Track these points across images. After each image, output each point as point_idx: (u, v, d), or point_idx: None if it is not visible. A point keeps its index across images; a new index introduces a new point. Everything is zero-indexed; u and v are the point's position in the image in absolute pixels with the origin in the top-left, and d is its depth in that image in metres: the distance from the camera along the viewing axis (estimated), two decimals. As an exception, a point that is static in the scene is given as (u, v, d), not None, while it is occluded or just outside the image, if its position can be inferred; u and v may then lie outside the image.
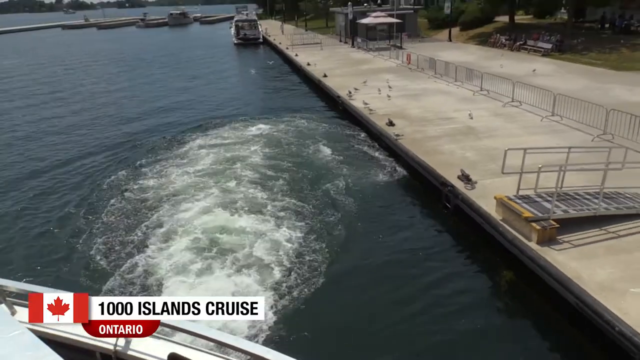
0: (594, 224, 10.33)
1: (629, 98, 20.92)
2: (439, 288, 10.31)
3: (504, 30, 45.51)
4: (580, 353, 8.38)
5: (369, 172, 16.67)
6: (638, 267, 8.92)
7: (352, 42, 49.07)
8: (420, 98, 23.77)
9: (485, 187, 12.47)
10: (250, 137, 21.25)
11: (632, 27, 38.88)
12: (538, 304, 9.50)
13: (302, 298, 9.83)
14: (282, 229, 12.56)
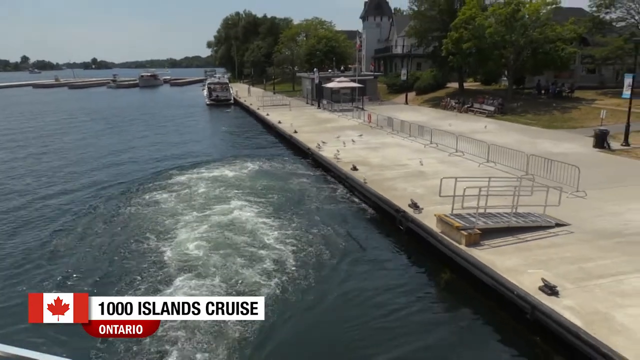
0: (508, 233, 13.76)
1: (552, 149, 25.06)
2: (394, 288, 13.18)
3: (454, 95, 50.75)
4: (495, 316, 11.45)
5: (337, 205, 20.00)
6: (534, 259, 12.26)
7: (318, 103, 53.46)
8: (380, 150, 27.49)
9: (429, 211, 15.82)
10: (233, 176, 24.36)
11: (563, 93, 44.50)
12: (467, 290, 12.66)
13: (286, 295, 12.73)
14: (263, 249, 15.52)
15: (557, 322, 9.68)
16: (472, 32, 43.29)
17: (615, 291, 10.54)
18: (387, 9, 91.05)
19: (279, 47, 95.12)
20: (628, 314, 9.62)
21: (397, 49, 76.18)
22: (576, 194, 17.37)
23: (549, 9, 43.23)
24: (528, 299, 10.52)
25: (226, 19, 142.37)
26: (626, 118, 27.07)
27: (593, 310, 9.83)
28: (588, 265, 11.79)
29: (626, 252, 12.47)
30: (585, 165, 20.48)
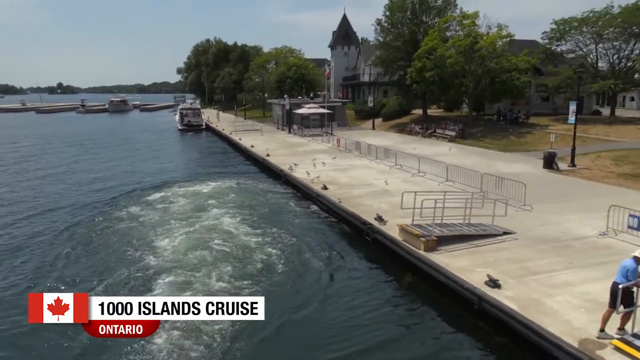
0: (461, 240, 15.62)
1: (506, 170, 27.26)
2: (364, 291, 14.76)
3: (418, 121, 53.37)
4: (449, 309, 13.15)
5: (309, 220, 21.70)
6: (483, 260, 14.10)
7: (289, 129, 55.36)
8: (348, 171, 29.36)
9: (393, 224, 17.56)
10: (212, 192, 25.76)
11: (519, 119, 47.47)
12: (426, 289, 14.36)
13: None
14: (243, 255, 17.01)
15: (499, 308, 11.48)
16: (434, 62, 46.02)
17: (547, 284, 12.43)
18: (355, 39, 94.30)
19: (249, 74, 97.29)
20: (556, 301, 11.48)
21: (365, 77, 79.13)
22: (523, 207, 19.45)
23: (504, 41, 46.43)
24: (475, 292, 12.31)
25: (196, 45, 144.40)
26: (575, 142, 29.56)
27: (528, 298, 11.66)
28: (527, 265, 13.70)
29: (560, 254, 14.45)
30: (534, 183, 22.81)
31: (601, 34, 49.23)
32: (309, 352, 11.54)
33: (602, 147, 34.30)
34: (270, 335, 11.99)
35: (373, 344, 11.71)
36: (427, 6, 54.24)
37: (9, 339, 11.99)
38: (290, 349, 11.63)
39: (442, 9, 53.98)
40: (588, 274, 12.86)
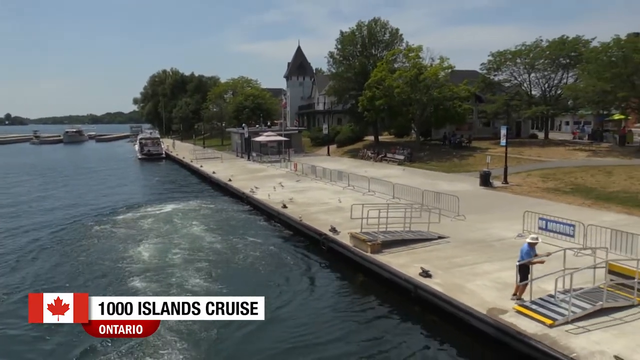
0: (402, 244, 18.40)
1: (447, 188, 30.34)
2: (322, 292, 17.27)
3: (370, 146, 56.74)
4: (392, 299, 15.76)
5: (271, 234, 24.22)
6: (419, 258, 16.84)
7: (248, 156, 57.77)
8: (305, 192, 31.98)
9: (345, 234, 20.19)
10: (179, 212, 27.85)
11: (463, 143, 51.41)
12: (374, 285, 16.97)
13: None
14: (209, 266, 19.27)
15: (429, 292, 14.21)
16: (383, 92, 49.60)
17: (469, 273, 15.27)
18: (309, 70, 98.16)
19: (207, 104, 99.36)
20: (475, 284, 14.29)
21: (319, 106, 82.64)
22: (457, 217, 22.49)
23: (446, 72, 50.61)
24: (412, 281, 15.02)
25: (153, 76, 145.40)
26: (506, 162, 33.15)
27: (452, 283, 14.44)
28: (455, 260, 16.56)
29: (483, 252, 17.39)
30: (470, 198, 26.09)
31: (533, 65, 54.13)
32: (277, 344, 13.74)
33: (534, 166, 38.12)
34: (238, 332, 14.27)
35: (333, 332, 13.90)
36: (376, 40, 58.22)
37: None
38: (256, 343, 13.81)
39: (390, 42, 58.07)
40: (502, 265, 15.73)
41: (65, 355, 12.53)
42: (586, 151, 43.87)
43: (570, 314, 11.64)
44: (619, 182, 29.59)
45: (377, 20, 58.09)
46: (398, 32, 58.40)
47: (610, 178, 30.82)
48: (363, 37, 58.18)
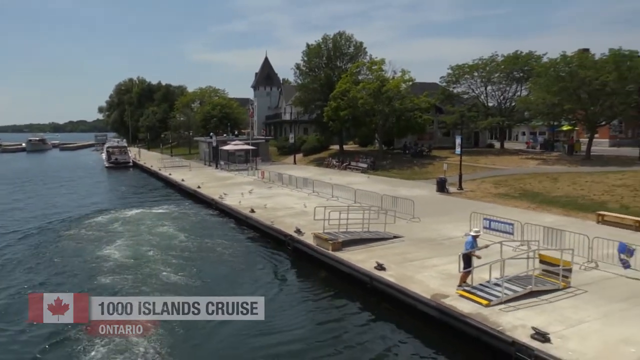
0: (360, 243, 20.08)
1: (406, 193, 32.19)
2: (288, 288, 18.75)
3: (335, 155, 58.59)
4: (352, 291, 17.35)
5: (239, 236, 25.61)
6: (375, 255, 18.49)
7: (216, 164, 58.85)
8: (272, 198, 33.44)
9: (309, 234, 21.76)
10: (150, 216, 28.95)
11: (423, 152, 53.74)
12: (336, 280, 18.55)
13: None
14: (181, 264, 20.57)
15: (383, 282, 15.87)
16: (347, 102, 51.52)
17: (419, 266, 17.03)
18: (276, 80, 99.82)
19: (174, 112, 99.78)
20: (423, 275, 16.04)
21: (286, 116, 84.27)
22: (412, 219, 24.35)
23: (408, 84, 52.93)
24: (368, 274, 16.69)
25: (119, 84, 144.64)
26: (462, 170, 35.32)
27: (404, 275, 16.15)
28: (408, 256, 18.31)
29: (433, 249, 19.21)
30: (426, 203, 28.05)
31: (489, 78, 57.13)
32: (247, 334, 15.15)
33: (488, 173, 40.50)
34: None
35: (298, 322, 15.37)
36: (341, 52, 60.34)
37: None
38: (223, 335, 15.15)
39: (354, 55, 60.27)
40: (449, 259, 17.43)
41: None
42: (537, 160, 46.63)
43: (504, 296, 13.47)
44: (562, 188, 32.01)
45: (342, 34, 60.27)
46: (362, 45, 60.75)
47: (555, 184, 33.25)
48: (328, 50, 60.20)
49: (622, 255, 15.41)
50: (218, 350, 13.16)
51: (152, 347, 12.85)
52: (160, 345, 12.93)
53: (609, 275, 15.64)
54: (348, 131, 59.73)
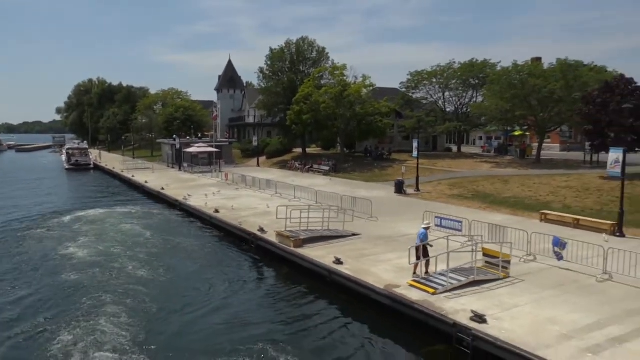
0: (320, 240, 21.25)
1: (366, 194, 33.55)
2: (252, 283, 19.69)
3: (298, 158, 59.69)
4: (312, 284, 18.45)
5: (204, 235, 26.38)
6: (334, 250, 19.67)
7: (179, 166, 59.12)
8: (236, 199, 34.30)
9: (272, 232, 22.79)
10: (115, 215, 29.42)
11: (384, 155, 55.40)
12: (297, 275, 19.62)
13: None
14: (148, 261, 21.31)
15: (340, 275, 17.06)
16: (310, 107, 52.71)
17: (375, 260, 18.29)
18: (240, 83, 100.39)
19: (135, 114, 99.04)
20: (378, 268, 17.29)
21: (250, 119, 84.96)
22: (370, 219, 25.66)
23: (368, 89, 54.50)
24: (327, 268, 17.85)
25: (78, 85, 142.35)
26: (418, 172, 36.92)
27: (360, 268, 17.37)
28: (364, 252, 19.56)
29: (389, 245, 20.51)
30: (384, 203, 29.43)
31: (447, 84, 59.40)
32: (214, 326, 16.07)
33: (444, 176, 42.33)
34: (168, 328, 16.54)
35: (262, 313, 16.39)
36: (304, 57, 61.54)
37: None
38: (192, 330, 16.14)
39: (317, 60, 61.58)
40: (402, 254, 18.64)
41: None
42: (491, 163, 48.86)
43: (449, 285, 14.83)
44: (512, 190, 33.95)
45: (305, 39, 61.49)
46: (324, 50, 62.08)
47: (506, 186, 35.20)
48: (292, 55, 61.30)
49: (556, 248, 17.02)
50: (187, 342, 14.04)
51: (123, 339, 13.71)
52: (132, 337, 13.81)
53: (545, 266, 17.24)
54: (311, 135, 60.92)
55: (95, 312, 15.65)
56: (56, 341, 13.63)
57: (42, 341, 13.78)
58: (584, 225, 23.15)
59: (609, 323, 12.35)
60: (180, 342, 13.92)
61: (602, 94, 35.33)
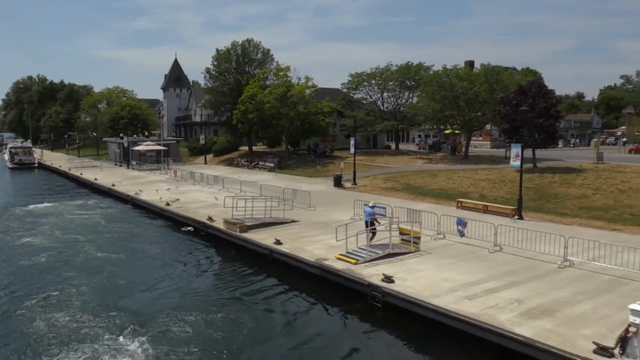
0: (264, 226, 24.03)
1: (307, 188, 36.22)
2: (202, 266, 22.17)
3: (245, 156, 62.09)
4: (256, 262, 21.17)
5: (157, 225, 28.63)
6: (275, 234, 22.43)
7: (127, 164, 60.33)
8: (185, 194, 36.54)
9: (220, 221, 25.35)
10: (68, 210, 31.14)
11: (326, 152, 58.61)
12: (244, 256, 22.30)
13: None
14: (99, 250, 23.49)
15: (280, 253, 19.93)
16: (255, 106, 55.17)
17: (310, 241, 21.25)
18: (186, 82, 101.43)
19: (79, 113, 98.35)
20: (312, 247, 20.24)
21: (196, 117, 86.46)
22: (309, 208, 28.64)
23: (311, 90, 57.48)
24: (269, 247, 20.71)
25: (17, 82, 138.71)
26: (355, 167, 40.19)
27: (297, 247, 20.28)
28: (301, 234, 22.51)
29: (323, 230, 23.48)
30: (323, 195, 32.48)
31: (385, 86, 63.13)
32: (169, 303, 18.53)
33: (381, 171, 45.86)
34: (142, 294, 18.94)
35: (213, 290, 18.83)
36: (249, 59, 63.93)
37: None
38: (151, 301, 18.54)
39: (262, 61, 64.09)
40: (333, 236, 21.56)
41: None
42: (424, 159, 52.92)
43: (368, 257, 17.94)
44: (439, 182, 37.74)
45: (251, 41, 63.85)
46: (269, 52, 64.66)
47: (434, 179, 38.99)
48: (238, 55, 63.52)
49: (459, 227, 20.48)
50: (147, 310, 16.49)
51: (86, 313, 16.07)
52: (94, 308, 16.20)
53: (450, 242, 20.67)
54: (257, 133, 63.41)
55: (61, 287, 17.87)
56: (23, 310, 15.84)
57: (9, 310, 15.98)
58: (491, 211, 26.92)
59: (488, 280, 15.74)
60: (139, 311, 16.33)
61: (517, 96, 39.63)
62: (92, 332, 14.20)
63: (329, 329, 14.87)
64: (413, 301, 14.32)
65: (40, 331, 14.27)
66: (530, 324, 12.36)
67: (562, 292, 14.63)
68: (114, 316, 15.43)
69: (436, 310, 13.66)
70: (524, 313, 13.08)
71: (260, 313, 16.11)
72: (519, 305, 13.62)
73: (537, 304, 13.65)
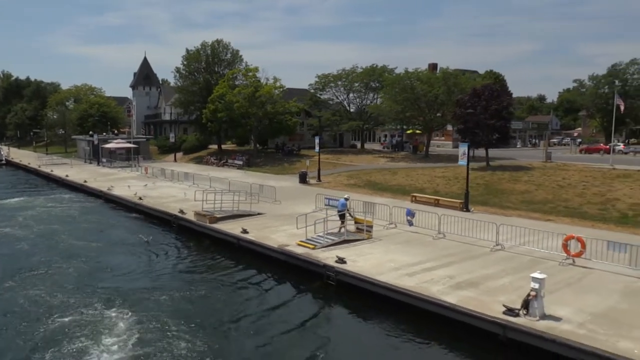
0: (232, 218, 25.97)
1: (274, 184, 38.13)
2: (175, 255, 24.01)
3: (214, 154, 63.66)
4: (224, 250, 23.09)
5: (130, 218, 30.26)
6: (242, 225, 24.35)
7: (98, 161, 61.21)
8: (157, 189, 38.14)
9: (191, 213, 27.16)
10: (43, 204, 32.46)
11: (294, 151, 60.63)
12: (215, 246, 24.18)
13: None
14: (80, 239, 25.10)
15: (246, 241, 21.94)
16: (224, 105, 56.78)
17: (274, 230, 23.32)
18: (155, 80, 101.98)
19: (46, 110, 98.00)
20: (276, 235, 22.31)
21: (166, 116, 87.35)
22: (275, 202, 30.72)
23: (279, 90, 59.40)
24: (236, 236, 22.70)
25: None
26: (320, 165, 42.34)
27: (262, 235, 22.30)
28: (267, 225, 24.57)
29: (287, 221, 25.50)
30: (289, 191, 34.57)
31: (351, 87, 65.49)
32: (142, 288, 20.31)
33: (345, 169, 48.15)
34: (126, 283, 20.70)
35: (185, 277, 20.63)
36: (219, 59, 65.52)
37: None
38: (126, 284, 20.31)
39: (231, 62, 65.72)
40: (295, 226, 23.74)
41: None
42: (387, 158, 55.48)
43: (325, 243, 20.13)
44: (398, 179, 40.21)
45: (220, 42, 65.39)
46: (238, 52, 66.36)
47: (394, 176, 41.46)
48: (207, 56, 65.01)
49: (408, 217, 22.85)
50: (121, 290, 18.30)
51: (66, 292, 17.80)
52: (73, 287, 17.95)
53: (401, 231, 23.03)
54: (226, 132, 64.94)
55: (45, 269, 19.55)
56: (10, 287, 17.50)
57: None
58: (441, 204, 29.42)
59: (427, 261, 18.11)
60: (119, 288, 18.14)
61: (471, 98, 42.38)
62: (76, 303, 16.04)
63: (289, 303, 16.97)
64: (361, 278, 16.55)
65: (28, 305, 16.03)
66: (457, 294, 14.72)
67: (488, 269, 17.08)
68: (96, 292, 17.27)
69: (380, 285, 15.91)
70: (453, 285, 15.44)
71: (229, 290, 18.16)
72: (450, 280, 15.99)
73: (466, 279, 16.05)
